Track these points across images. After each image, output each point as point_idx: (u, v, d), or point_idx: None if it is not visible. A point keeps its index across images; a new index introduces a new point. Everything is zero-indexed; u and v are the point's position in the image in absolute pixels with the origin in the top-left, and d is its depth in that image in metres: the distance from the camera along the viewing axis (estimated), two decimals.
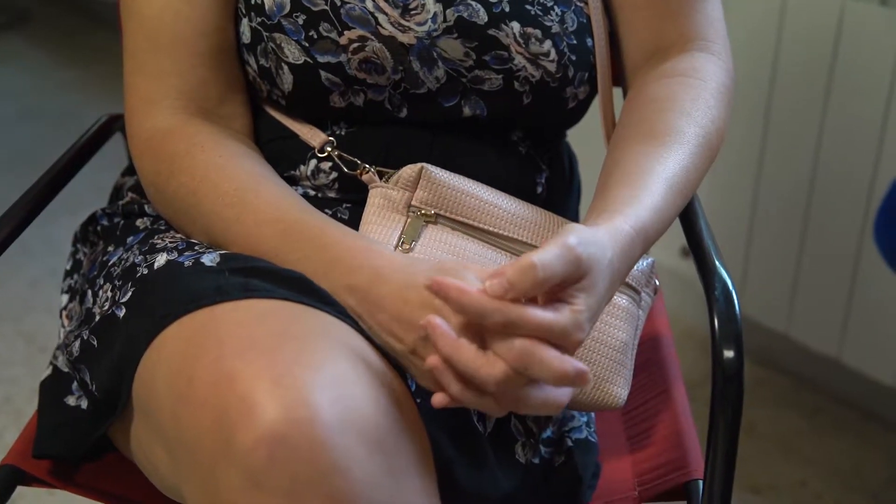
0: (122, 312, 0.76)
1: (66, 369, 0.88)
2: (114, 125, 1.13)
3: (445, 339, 0.64)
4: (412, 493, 0.65)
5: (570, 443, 0.88)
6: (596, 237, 0.68)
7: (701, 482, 0.84)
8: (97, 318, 0.79)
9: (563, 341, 0.64)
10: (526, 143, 0.92)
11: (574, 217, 0.98)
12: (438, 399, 0.65)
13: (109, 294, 0.80)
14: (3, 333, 1.94)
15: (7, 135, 2.80)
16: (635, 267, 0.87)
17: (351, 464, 0.61)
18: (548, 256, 0.63)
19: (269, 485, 0.59)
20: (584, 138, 1.15)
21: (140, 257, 0.80)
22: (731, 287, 0.79)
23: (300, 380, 0.61)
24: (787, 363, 1.82)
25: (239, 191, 0.79)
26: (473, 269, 0.68)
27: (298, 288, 0.71)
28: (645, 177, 0.77)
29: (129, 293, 0.77)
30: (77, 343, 0.80)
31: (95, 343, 0.78)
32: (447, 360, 0.64)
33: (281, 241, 0.76)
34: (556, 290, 0.65)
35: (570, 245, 0.64)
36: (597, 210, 0.75)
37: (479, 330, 0.65)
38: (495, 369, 0.63)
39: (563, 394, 0.65)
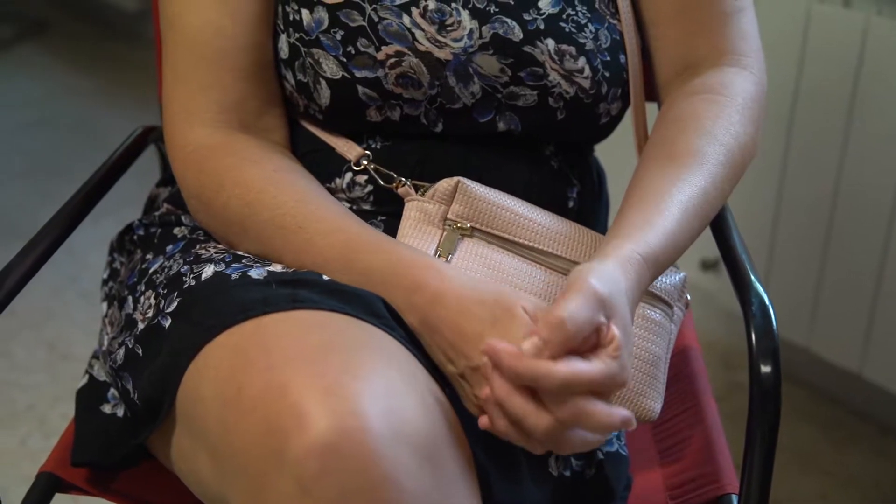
0: (167, 322, 0.77)
1: (102, 378, 0.89)
2: (148, 137, 1.13)
3: (501, 384, 0.65)
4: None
5: (600, 455, 0.88)
6: (609, 273, 0.69)
7: (735, 497, 0.84)
8: (141, 326, 0.80)
9: (613, 387, 0.66)
10: (558, 157, 0.92)
11: (603, 231, 0.99)
12: (484, 422, 0.67)
13: (153, 302, 0.81)
14: (25, 341, 1.95)
15: (24, 142, 2.81)
16: (667, 281, 0.87)
17: (401, 475, 0.61)
18: (573, 306, 0.64)
19: (319, 494, 0.60)
20: (612, 152, 1.15)
21: (185, 267, 0.81)
22: (767, 302, 0.80)
23: (350, 390, 0.62)
24: (806, 376, 1.82)
25: (300, 203, 0.80)
26: (529, 303, 0.71)
27: (345, 299, 0.72)
28: (659, 201, 0.78)
29: (175, 303, 0.77)
30: (121, 351, 0.81)
31: (140, 352, 0.78)
32: (498, 403, 0.66)
33: (346, 251, 0.77)
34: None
35: (592, 287, 0.66)
36: (610, 234, 0.76)
37: None
38: (543, 420, 0.65)
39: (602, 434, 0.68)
